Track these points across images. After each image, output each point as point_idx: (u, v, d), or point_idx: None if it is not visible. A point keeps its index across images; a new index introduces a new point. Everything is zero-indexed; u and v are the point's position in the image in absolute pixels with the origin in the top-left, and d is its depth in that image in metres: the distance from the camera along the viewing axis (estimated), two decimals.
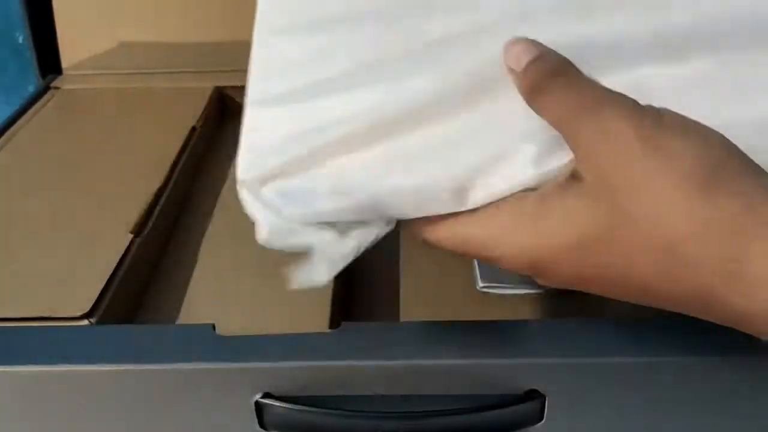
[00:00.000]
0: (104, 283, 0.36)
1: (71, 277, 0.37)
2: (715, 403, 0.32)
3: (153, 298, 0.40)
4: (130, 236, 0.40)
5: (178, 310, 0.39)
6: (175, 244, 0.44)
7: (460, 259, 0.46)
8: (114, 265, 0.37)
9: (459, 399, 0.32)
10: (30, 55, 0.61)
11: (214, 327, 0.33)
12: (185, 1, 0.59)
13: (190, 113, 0.53)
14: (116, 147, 0.49)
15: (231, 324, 0.36)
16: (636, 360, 0.31)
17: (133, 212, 0.42)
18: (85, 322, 0.34)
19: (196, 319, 0.38)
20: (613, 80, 0.27)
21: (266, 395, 0.32)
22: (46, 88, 0.58)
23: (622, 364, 0.31)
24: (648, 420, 0.33)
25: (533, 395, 0.31)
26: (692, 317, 0.26)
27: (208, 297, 0.40)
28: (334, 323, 0.37)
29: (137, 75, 0.59)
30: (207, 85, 0.57)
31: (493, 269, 0.34)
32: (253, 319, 0.38)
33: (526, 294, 0.37)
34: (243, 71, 0.58)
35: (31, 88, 0.95)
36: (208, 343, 0.32)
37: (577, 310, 0.41)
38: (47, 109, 0.55)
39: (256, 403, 0.32)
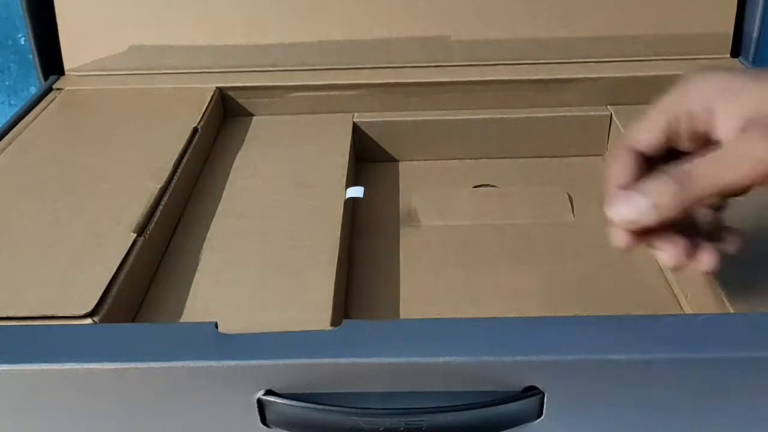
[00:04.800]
0: (107, 282, 0.36)
1: (75, 276, 0.37)
2: (715, 400, 0.32)
3: (155, 297, 0.40)
4: (133, 236, 0.40)
5: (180, 309, 0.39)
6: (178, 243, 0.44)
7: (457, 258, 0.47)
8: (117, 264, 0.38)
9: (459, 396, 0.32)
10: (32, 56, 0.61)
11: (216, 325, 0.34)
12: (187, 1, 0.59)
13: (191, 114, 0.53)
14: (119, 148, 0.50)
15: (233, 322, 0.37)
16: (635, 357, 0.31)
17: (135, 212, 0.42)
18: (89, 321, 0.35)
19: (198, 318, 0.38)
20: None
21: (268, 392, 0.32)
22: (48, 89, 0.59)
23: (622, 361, 0.31)
24: (647, 417, 0.33)
25: (532, 392, 0.32)
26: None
27: (211, 296, 0.40)
28: (335, 321, 0.37)
29: (139, 76, 0.60)
30: (209, 86, 0.58)
31: None
32: (255, 318, 0.38)
33: None
34: (244, 72, 0.59)
35: (33, 90, 0.95)
36: (211, 341, 0.33)
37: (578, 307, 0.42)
38: (50, 109, 0.56)
39: (259, 400, 0.32)
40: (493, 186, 0.55)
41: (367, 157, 0.58)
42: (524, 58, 0.59)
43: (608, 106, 0.58)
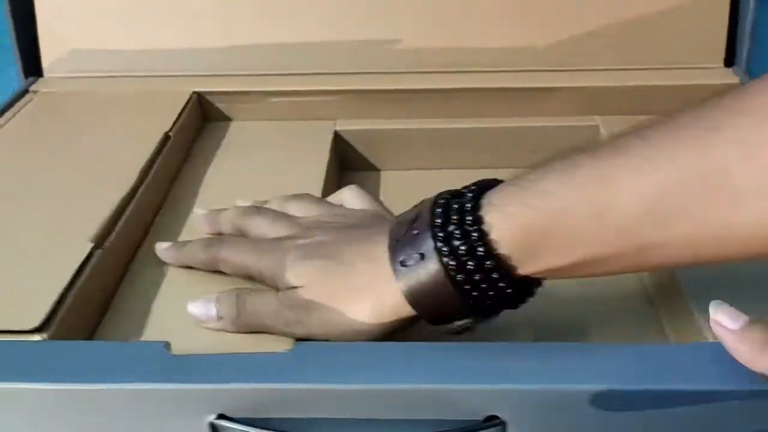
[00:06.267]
0: (59, 295, 0.35)
1: (24, 288, 0.36)
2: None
3: (116, 313, 0.39)
4: (90, 245, 0.39)
5: (140, 327, 0.37)
6: (143, 256, 0.43)
7: None
8: (70, 276, 0.36)
9: (418, 424, 0.31)
10: (13, 57, 0.60)
11: (168, 345, 0.32)
12: (167, 4, 0.58)
13: (165, 118, 0.52)
14: (85, 154, 0.48)
15: (192, 341, 0.36)
16: (598, 388, 0.30)
17: (95, 222, 0.40)
18: (37, 337, 0.33)
19: (157, 336, 0.36)
20: None
21: (221, 416, 0.31)
22: (24, 92, 0.57)
23: (585, 392, 0.30)
24: None
25: (493, 421, 0.30)
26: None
27: (174, 312, 0.38)
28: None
29: (117, 78, 0.59)
30: (185, 90, 0.56)
31: None
32: (215, 336, 0.36)
33: None
34: (223, 76, 0.58)
35: None
36: (161, 362, 0.31)
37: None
38: (22, 113, 0.54)
39: (211, 424, 0.31)
40: None
41: (349, 166, 0.57)
42: (508, 66, 0.58)
43: (595, 117, 0.57)
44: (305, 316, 0.34)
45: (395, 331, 0.34)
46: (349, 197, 0.42)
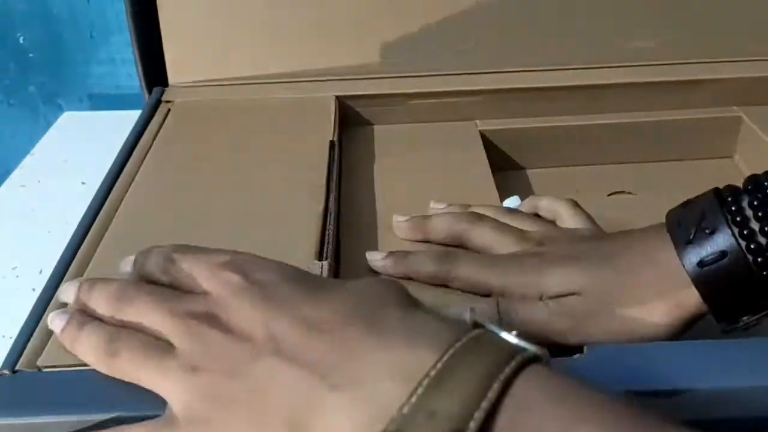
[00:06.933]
0: None
1: None
2: None
3: None
4: (318, 263, 0.38)
5: None
6: (348, 269, 0.42)
7: None
8: None
9: None
10: (136, 68, 0.58)
11: None
12: (296, 6, 0.57)
13: (321, 125, 0.51)
14: (262, 164, 0.47)
15: None
16: None
17: (307, 235, 0.40)
18: None
19: None
20: None
21: None
22: (157, 102, 0.56)
23: None
24: None
25: None
26: None
27: None
28: None
29: (248, 86, 0.57)
30: (327, 95, 0.55)
31: None
32: None
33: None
34: (360, 79, 0.57)
35: (32, 89, 0.90)
36: None
37: None
38: (168, 125, 0.53)
39: None
40: (629, 193, 0.54)
41: (495, 166, 0.56)
42: (648, 60, 0.58)
43: (735, 107, 0.57)
44: (583, 325, 0.34)
45: (679, 334, 0.34)
46: (568, 216, 0.41)
